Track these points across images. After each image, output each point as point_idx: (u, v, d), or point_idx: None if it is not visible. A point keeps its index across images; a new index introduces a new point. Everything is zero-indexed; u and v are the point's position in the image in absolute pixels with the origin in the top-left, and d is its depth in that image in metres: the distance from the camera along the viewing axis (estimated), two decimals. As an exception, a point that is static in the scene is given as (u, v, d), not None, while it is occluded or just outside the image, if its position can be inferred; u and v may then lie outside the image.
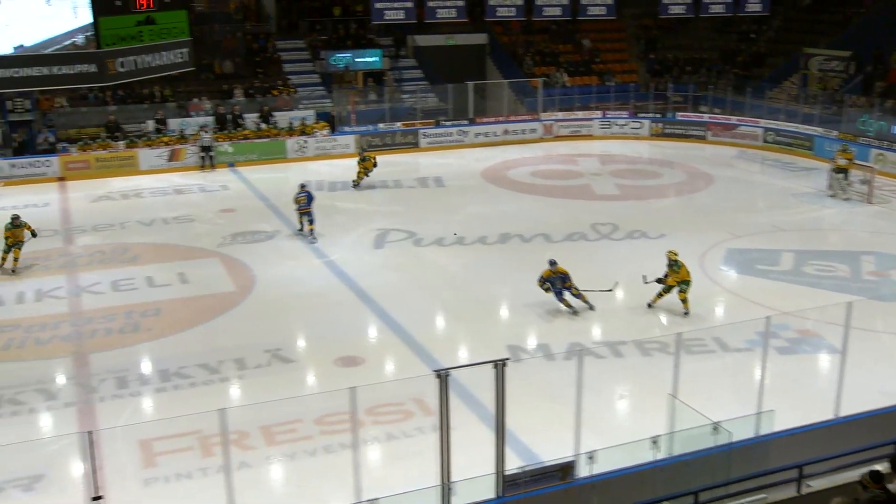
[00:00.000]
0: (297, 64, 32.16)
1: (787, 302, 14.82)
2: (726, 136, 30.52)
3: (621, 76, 35.30)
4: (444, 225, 20.20)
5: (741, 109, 30.77)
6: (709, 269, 16.93)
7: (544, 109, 31.63)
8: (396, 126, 29.35)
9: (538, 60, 34.74)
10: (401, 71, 33.29)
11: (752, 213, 21.36)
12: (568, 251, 18.21)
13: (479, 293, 15.78)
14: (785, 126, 29.10)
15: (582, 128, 31.74)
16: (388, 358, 13.24)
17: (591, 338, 13.65)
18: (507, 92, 32.03)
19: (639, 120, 31.77)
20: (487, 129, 30.51)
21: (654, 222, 20.20)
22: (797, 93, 31.09)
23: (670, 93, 32.74)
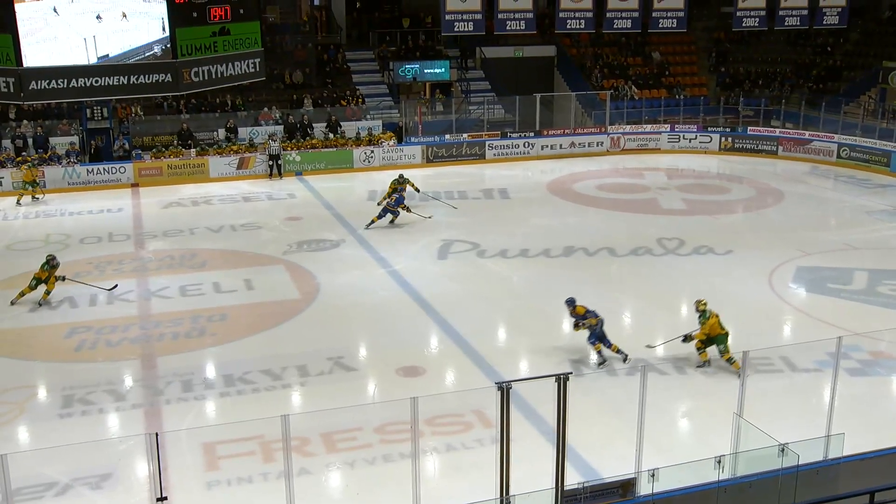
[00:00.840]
0: (365, 75, 32.58)
1: (860, 322, 14.39)
2: (798, 152, 29.82)
3: (691, 90, 34.84)
4: (508, 237, 20.17)
5: (815, 124, 30.06)
6: (777, 287, 16.54)
7: (611, 122, 31.39)
8: (463, 137, 29.47)
9: (606, 73, 34.51)
10: (468, 82, 33.45)
11: (824, 231, 20.83)
12: (632, 266, 18.03)
13: (542, 306, 15.69)
14: (861, 142, 28.31)
15: (649, 141, 31.40)
16: (449, 369, 13.24)
17: (653, 354, 13.43)
18: (574, 104, 31.89)
19: (708, 134, 31.28)
20: (554, 141, 30.41)
21: (721, 238, 19.84)
22: (874, 107, 30.24)
23: (741, 107, 32.18)
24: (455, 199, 24.12)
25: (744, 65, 35.87)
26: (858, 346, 13.30)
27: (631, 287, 16.59)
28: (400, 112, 30.50)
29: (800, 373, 12.68)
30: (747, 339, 13.86)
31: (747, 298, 15.96)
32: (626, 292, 16.23)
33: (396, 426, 10.85)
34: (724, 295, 16.12)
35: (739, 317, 15.14)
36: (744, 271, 17.52)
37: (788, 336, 14.57)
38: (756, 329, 14.48)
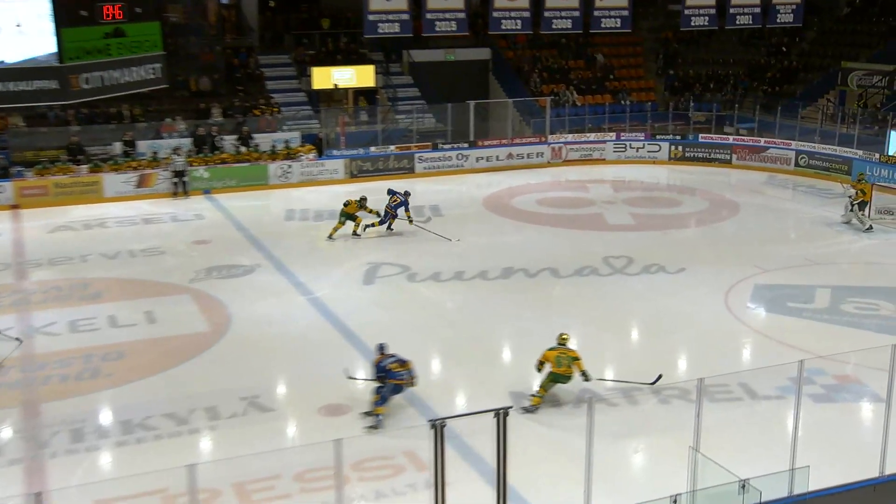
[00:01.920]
0: (281, 81, 32.41)
1: (824, 344, 14.76)
2: (754, 160, 30.63)
3: (637, 94, 35.55)
4: (441, 258, 20.19)
5: (771, 130, 30.93)
6: (734, 307, 16.88)
7: (552, 131, 31.81)
8: (390, 149, 29.49)
9: (546, 77, 35.00)
10: (395, 89, 33.54)
11: (783, 245, 21.37)
12: (577, 287, 18.21)
13: (479, 333, 15.72)
14: (820, 149, 29.23)
15: (594, 151, 31.89)
16: (378, 406, 13.14)
17: (603, 384, 13.54)
18: (511, 112, 32.24)
19: (656, 142, 31.93)
20: (490, 152, 30.64)
21: (673, 255, 20.19)
22: (834, 112, 31.27)
23: (691, 112, 32.94)
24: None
25: (694, 67, 36.77)
26: (823, 369, 13.62)
27: (576, 311, 16.74)
28: (320, 122, 30.38)
29: (760, 400, 12.91)
30: (703, 365, 14.09)
31: (702, 320, 16.25)
32: (571, 316, 16.36)
33: (319, 472, 10.70)
34: (676, 316, 16.41)
35: (694, 340, 15.41)
36: (698, 290, 17.85)
37: (747, 360, 14.84)
38: (712, 353, 14.74)
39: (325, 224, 23.68)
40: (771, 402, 12.79)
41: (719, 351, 14.83)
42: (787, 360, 12.18)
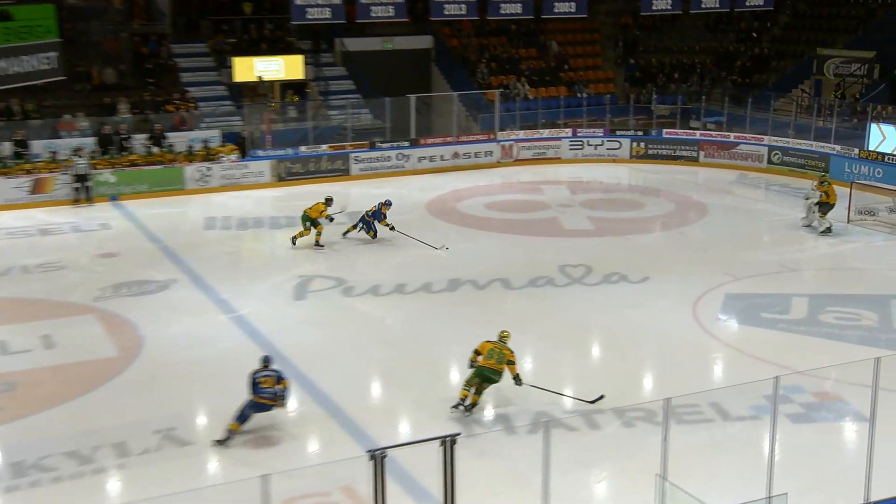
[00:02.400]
0: (197, 73, 32.11)
1: (801, 358, 15.01)
2: (723, 157, 31.12)
3: (595, 86, 35.92)
4: (380, 270, 20.15)
5: (741, 124, 31.46)
6: (703, 319, 17.10)
7: (502, 128, 31.98)
8: (322, 149, 29.37)
9: (494, 68, 35.20)
10: (327, 82, 33.44)
11: (756, 250, 21.72)
12: (531, 299, 18.30)
13: (423, 353, 15.70)
14: (794, 144, 29.79)
15: (548, 149, 32.13)
16: (311, 436, 13.04)
17: (561, 406, 13.59)
18: (457, 107, 32.34)
19: (616, 139, 32.28)
20: (433, 151, 30.69)
21: (636, 263, 20.39)
22: (809, 103, 31.90)
23: (654, 106, 33.37)
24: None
25: (656, 55, 37.26)
26: (800, 386, 13.83)
27: (530, 325, 16.78)
28: (243, 119, 30.15)
29: (733, 422, 13.06)
30: (670, 384, 14.22)
31: (668, 333, 16.43)
32: (525, 332, 16.37)
33: (243, 514, 10.55)
34: (640, 330, 16.56)
35: (660, 356, 15.56)
36: (663, 301, 18.04)
37: (718, 378, 15.02)
38: (680, 370, 14.90)
39: (249, 233, 23.52)
40: (745, 424, 12.94)
41: (688, 368, 14.98)
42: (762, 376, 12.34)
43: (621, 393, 13.99)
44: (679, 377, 14.57)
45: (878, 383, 10.17)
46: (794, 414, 13.18)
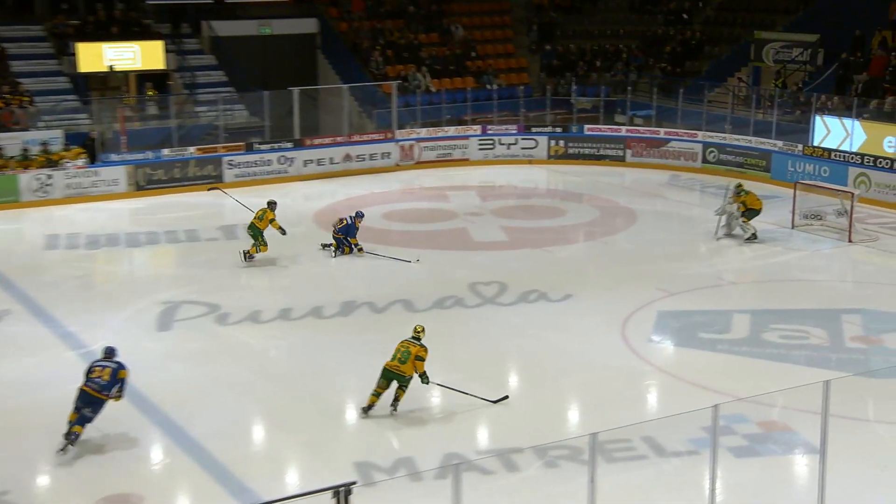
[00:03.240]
0: (33, 61, 31.47)
1: (744, 383, 15.24)
2: (653, 156, 31.69)
3: (507, 77, 36.24)
4: (261, 293, 19.95)
5: (672, 119, 32.06)
6: (634, 341, 17.31)
7: (401, 125, 32.07)
8: (189, 152, 29.01)
9: (391, 56, 35.27)
10: (193, 73, 33.07)
11: (692, 261, 22.17)
12: (438, 323, 18.23)
13: (314, 389, 15.58)
14: (732, 140, 30.49)
15: (454, 150, 32.30)
16: (180, 491, 12.85)
17: (473, 445, 13.62)
18: (348, 102, 32.33)
19: (532, 137, 32.60)
20: (321, 154, 30.60)
21: (557, 278, 20.59)
22: (747, 94, 32.65)
23: (574, 98, 33.79)
24: (182, 242, 23.65)
25: (576, 41, 37.73)
26: (743, 415, 14.07)
27: (438, 352, 16.61)
28: (91, 117, 29.60)
29: (669, 458, 13.21)
30: (597, 416, 14.37)
31: (594, 358, 16.59)
32: (433, 360, 16.35)
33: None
34: (563, 355, 16.71)
35: (585, 385, 15.69)
36: (588, 322, 18.24)
37: (652, 408, 15.21)
38: (608, 401, 15.03)
39: (101, 253, 23.06)
40: (682, 460, 13.10)
41: (617, 398, 15.11)
42: (700, 404, 12.51)
43: (542, 429, 14.07)
44: (607, 408, 14.70)
45: (828, 409, 10.42)
46: (736, 447, 13.36)
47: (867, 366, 16.26)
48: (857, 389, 14.82)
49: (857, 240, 23.25)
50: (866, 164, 27.09)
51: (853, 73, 30.58)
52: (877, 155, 27.04)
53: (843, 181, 26.68)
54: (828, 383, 10.53)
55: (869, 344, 17.31)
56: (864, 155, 27.22)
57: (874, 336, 17.62)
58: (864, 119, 27.91)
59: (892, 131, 27.09)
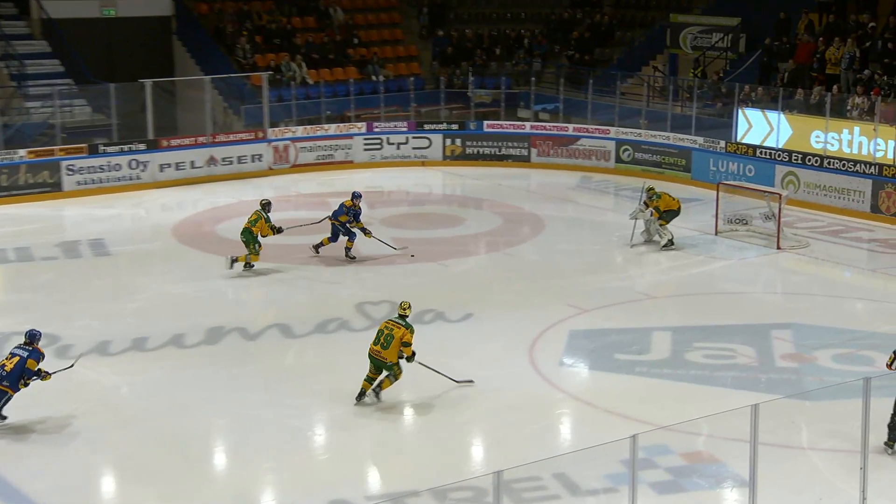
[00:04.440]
0: None
1: (665, 410, 15.46)
2: (561, 156, 32.04)
3: (395, 66, 36.32)
4: (110, 320, 19.65)
5: (581, 113, 32.46)
6: (543, 365, 17.45)
7: (274, 123, 31.92)
8: (20, 156, 28.48)
9: (260, 44, 35.08)
10: (21, 61, 32.46)
11: (606, 274, 22.49)
12: (321, 350, 18.29)
13: (175, 431, 15.31)
14: (648, 136, 30.99)
15: (336, 150, 32.27)
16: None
17: (363, 490, 13.61)
18: (210, 96, 32.07)
19: (425, 135, 32.70)
20: (180, 156, 30.33)
21: (455, 295, 20.72)
22: (664, 85, 33.19)
23: (472, 91, 33.96)
24: (11, 263, 23.24)
25: (472, 25, 37.97)
26: (666, 446, 14.26)
27: (320, 385, 16.67)
28: None
29: (584, 497, 13.33)
30: (503, 452, 14.45)
31: (499, 386, 16.62)
32: (313, 394, 16.33)
33: None
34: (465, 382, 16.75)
35: (489, 416, 15.76)
36: (492, 344, 18.34)
37: (565, 440, 15.37)
38: (515, 433, 15.11)
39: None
40: (598, 499, 13.25)
41: (524, 429, 15.20)
42: (618, 435, 12.64)
43: (441, 468, 14.12)
44: (514, 443, 14.76)
45: (757, 437, 10.65)
46: (659, 482, 13.52)
47: (799, 387, 16.66)
48: (790, 413, 15.13)
49: (787, 246, 23.83)
50: (795, 162, 27.78)
51: (778, 61, 31.34)
52: (805, 152, 27.74)
53: (770, 181, 27.37)
54: (756, 407, 10.74)
55: (801, 362, 17.71)
56: (793, 152, 27.91)
57: (807, 353, 18.03)
58: (789, 112, 28.63)
59: (819, 125, 27.82)
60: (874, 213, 26.25)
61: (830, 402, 15.52)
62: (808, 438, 15.01)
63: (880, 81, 28.09)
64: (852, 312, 20.49)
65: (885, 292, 21.60)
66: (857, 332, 19.03)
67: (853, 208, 26.66)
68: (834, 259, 23.67)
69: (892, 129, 26.43)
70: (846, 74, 29.05)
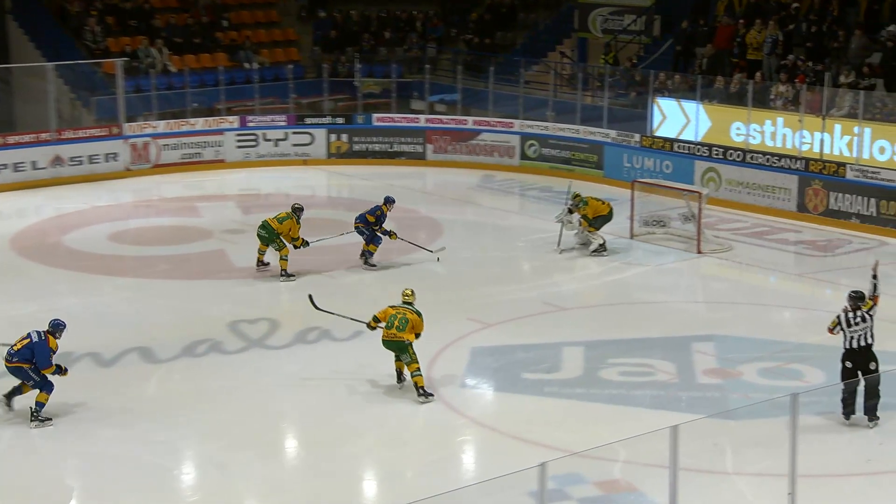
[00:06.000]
0: None
1: (578, 434, 15.65)
2: (460, 152, 32.23)
3: (271, 52, 36.23)
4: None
5: (482, 104, 32.65)
6: (442, 388, 17.49)
7: (131, 117, 31.65)
8: None
9: (112, 25, 34.72)
10: None
11: (511, 283, 22.65)
12: (189, 375, 18.13)
13: (14, 475, 14.97)
14: (556, 130, 31.32)
15: (204, 148, 32.14)
16: None
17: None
18: (55, 85, 31.66)
19: (306, 130, 32.71)
20: (19, 155, 30.13)
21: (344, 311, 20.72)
22: (572, 72, 33.54)
23: (359, 80, 33.99)
24: None
25: (357, 6, 37.93)
26: (579, 474, 14.36)
27: (187, 417, 16.48)
28: None
29: (490, 531, 13.49)
30: (399, 485, 14.58)
31: (393, 412, 16.73)
32: (178, 426, 16.15)
33: None
34: (354, 410, 16.76)
35: (384, 446, 15.82)
36: (385, 365, 18.10)
37: (468, 471, 15.43)
38: (412, 464, 15.22)
39: None
40: (506, 534, 13.38)
41: (422, 460, 15.30)
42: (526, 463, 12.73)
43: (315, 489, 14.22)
44: (411, 475, 14.90)
45: (678, 462, 10.87)
46: (572, 514, 13.77)
47: (723, 405, 16.87)
48: (713, 434, 15.37)
49: (708, 250, 24.27)
50: (715, 157, 28.33)
51: (695, 46, 31.83)
52: (726, 145, 28.31)
53: (689, 178, 27.88)
54: (676, 429, 10.93)
55: (725, 378, 17.96)
56: (713, 146, 28.44)
57: (730, 368, 18.29)
58: (708, 102, 29.15)
59: (740, 116, 28.45)
60: (801, 212, 26.90)
61: (757, 422, 15.72)
62: (733, 462, 15.21)
63: (805, 68, 28.69)
64: (779, 322, 20.97)
65: (813, 299, 22.13)
66: (785, 343, 19.46)
67: (778, 207, 27.30)
68: (759, 263, 24.18)
69: (819, 119, 27.07)
70: (768, 60, 29.65)
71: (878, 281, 16.06)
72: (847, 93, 27.17)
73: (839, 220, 26.24)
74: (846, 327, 15.44)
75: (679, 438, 10.96)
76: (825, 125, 26.84)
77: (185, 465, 14.95)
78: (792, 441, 11.79)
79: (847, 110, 26.90)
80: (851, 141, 26.54)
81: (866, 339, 15.40)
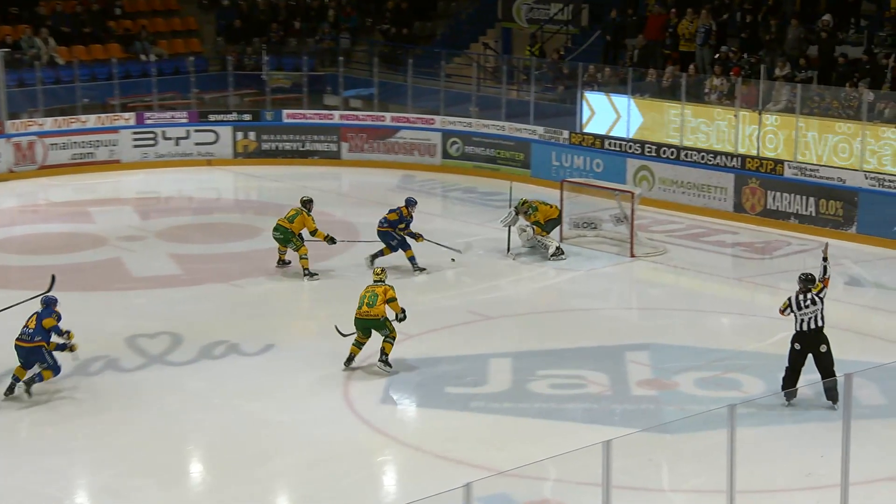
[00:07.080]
0: None
1: (506, 451, 15.76)
2: (377, 151, 32.36)
3: (170, 43, 36.08)
4: None
5: (400, 99, 32.76)
6: (361, 404, 17.62)
7: (14, 114, 31.38)
8: None
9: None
10: None
11: (433, 291, 22.94)
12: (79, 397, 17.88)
13: None
14: (480, 126, 31.52)
15: (98, 147, 32.00)
16: None
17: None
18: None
19: (211, 127, 32.66)
20: None
21: (252, 323, 20.82)
22: (496, 64, 33.71)
23: (267, 73, 33.99)
24: None
25: (261, -7, 37.98)
26: (506, 494, 14.43)
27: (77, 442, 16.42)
28: None
29: (413, 558, 13.60)
30: None
31: (308, 431, 16.75)
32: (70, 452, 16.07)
33: None
34: (265, 429, 16.79)
35: (297, 469, 15.85)
36: (299, 381, 18.42)
37: (389, 494, 15.53)
38: (329, 488, 15.23)
39: None
40: (430, 560, 13.51)
41: (340, 483, 15.31)
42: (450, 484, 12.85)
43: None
44: (327, 498, 14.93)
45: (611, 479, 11.05)
46: (500, 538, 13.89)
47: (659, 418, 17.18)
48: (648, 449, 15.49)
49: (641, 254, 24.63)
50: (648, 155, 28.65)
51: (625, 37, 32.15)
52: (659, 143, 28.64)
53: (622, 178, 28.20)
54: (609, 444, 11.05)
55: (660, 389, 18.23)
56: (646, 143, 28.76)
57: (666, 378, 18.56)
58: (640, 96, 29.46)
59: (673, 111, 28.76)
60: (738, 212, 27.33)
61: (694, 435, 15.96)
62: (669, 478, 15.49)
63: (740, 60, 29.05)
64: (716, 329, 21.35)
65: (751, 305, 22.54)
66: (723, 351, 19.80)
67: (714, 207, 27.73)
68: (695, 267, 24.55)
69: (755, 114, 27.45)
70: (701, 51, 30.01)
71: (828, 263, 16.78)
72: (783, 86, 27.54)
73: (777, 220, 26.68)
74: (797, 310, 16.33)
75: (612, 454, 11.07)
76: (762, 120, 27.17)
77: (78, 494, 14.88)
78: (729, 455, 11.92)
79: (784, 104, 27.26)
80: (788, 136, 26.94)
81: (816, 322, 16.31)
